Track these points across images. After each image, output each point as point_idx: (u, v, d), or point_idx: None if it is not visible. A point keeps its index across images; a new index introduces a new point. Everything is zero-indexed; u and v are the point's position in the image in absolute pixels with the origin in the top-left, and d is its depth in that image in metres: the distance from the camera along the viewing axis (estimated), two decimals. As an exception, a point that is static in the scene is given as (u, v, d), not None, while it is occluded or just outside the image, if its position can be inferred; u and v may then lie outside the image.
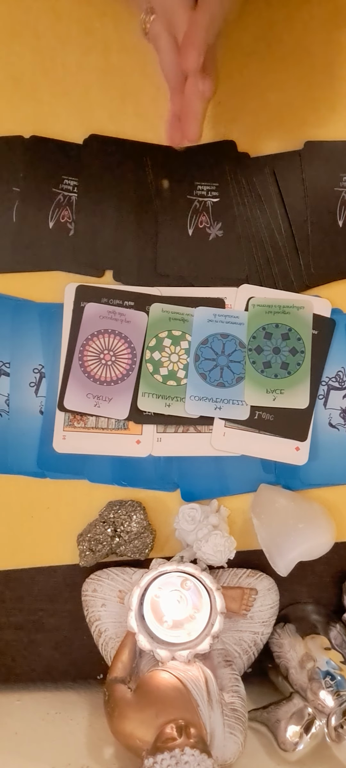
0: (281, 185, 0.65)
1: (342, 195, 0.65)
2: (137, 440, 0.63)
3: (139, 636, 0.55)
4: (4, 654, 0.64)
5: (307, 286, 0.64)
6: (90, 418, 0.63)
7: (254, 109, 0.66)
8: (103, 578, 0.60)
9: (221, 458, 0.62)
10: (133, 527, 0.61)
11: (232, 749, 0.53)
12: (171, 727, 0.51)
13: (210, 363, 0.63)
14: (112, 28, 0.67)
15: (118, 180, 0.66)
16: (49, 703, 0.61)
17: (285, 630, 0.60)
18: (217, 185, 0.66)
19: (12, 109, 0.67)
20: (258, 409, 0.62)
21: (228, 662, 0.57)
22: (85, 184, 0.66)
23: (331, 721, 0.54)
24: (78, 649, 0.63)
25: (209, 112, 0.66)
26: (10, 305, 0.65)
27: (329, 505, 0.62)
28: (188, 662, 0.54)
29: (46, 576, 0.64)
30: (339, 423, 0.63)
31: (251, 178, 0.65)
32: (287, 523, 0.59)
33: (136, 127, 0.67)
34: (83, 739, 0.57)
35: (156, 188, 0.66)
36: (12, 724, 0.59)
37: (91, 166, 0.66)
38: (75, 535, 0.62)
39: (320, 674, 0.55)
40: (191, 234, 0.65)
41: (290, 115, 0.66)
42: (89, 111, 0.67)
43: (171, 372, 0.63)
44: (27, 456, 0.63)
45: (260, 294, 0.64)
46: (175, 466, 0.63)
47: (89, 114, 0.67)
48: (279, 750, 0.55)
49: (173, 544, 0.63)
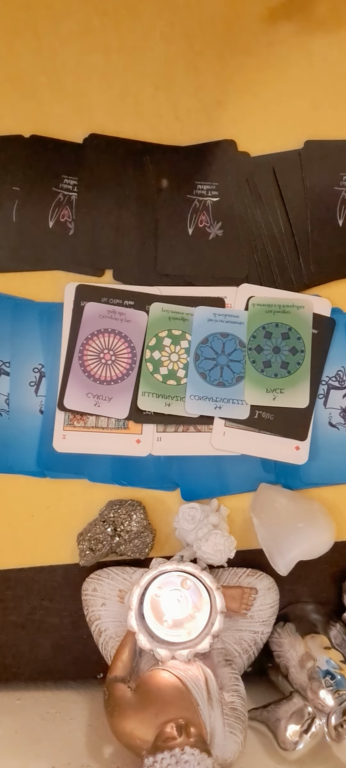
0: (281, 184, 0.65)
1: (342, 194, 0.65)
2: (137, 440, 0.63)
3: (139, 635, 0.55)
4: (4, 653, 0.64)
5: (307, 285, 0.64)
6: (90, 417, 0.63)
7: (254, 108, 0.66)
8: (103, 577, 0.60)
9: (220, 457, 0.62)
10: (133, 526, 0.61)
11: (232, 748, 0.53)
12: (171, 727, 0.51)
13: (210, 362, 0.63)
14: (112, 27, 0.67)
15: (118, 179, 0.66)
16: (49, 702, 0.61)
17: (285, 629, 0.60)
18: (217, 185, 0.66)
19: (12, 109, 0.67)
20: (258, 408, 0.62)
21: (228, 661, 0.57)
22: (85, 183, 0.66)
23: (331, 720, 0.54)
24: (78, 648, 0.63)
25: (209, 112, 0.67)
26: (10, 305, 0.65)
27: (329, 504, 0.62)
28: (188, 661, 0.54)
29: (46, 575, 0.64)
30: (339, 422, 0.63)
31: (251, 178, 0.65)
32: (287, 523, 0.59)
33: (136, 126, 0.67)
34: (83, 739, 0.57)
35: (156, 187, 0.66)
36: (12, 723, 0.59)
37: (91, 166, 0.66)
38: (75, 535, 0.62)
39: (320, 673, 0.55)
40: (190, 233, 0.65)
41: (290, 114, 0.66)
42: (89, 110, 0.67)
43: (171, 371, 0.63)
44: (27, 455, 0.63)
45: (260, 293, 0.64)
46: (175, 465, 0.63)
47: (89, 113, 0.67)
48: (279, 749, 0.55)
49: (172, 543, 0.63)
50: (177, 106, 0.67)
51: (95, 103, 0.67)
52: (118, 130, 0.67)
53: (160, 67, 0.67)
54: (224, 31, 0.66)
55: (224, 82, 0.67)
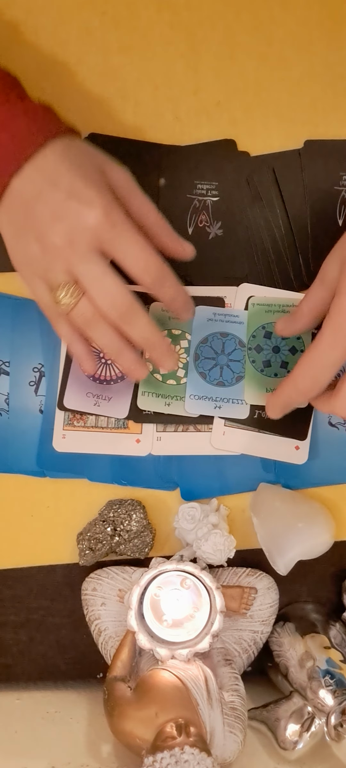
0: (281, 184, 0.65)
1: (342, 194, 0.65)
2: (137, 439, 0.63)
3: (139, 635, 0.55)
4: (3, 653, 0.64)
5: (307, 285, 0.64)
6: (90, 417, 0.63)
7: (254, 108, 0.66)
8: (102, 577, 0.60)
9: (220, 457, 0.62)
10: (132, 526, 0.61)
11: (231, 748, 0.53)
12: (171, 726, 0.51)
13: (210, 362, 0.63)
14: (112, 28, 0.67)
15: (118, 179, 0.66)
16: (48, 702, 0.61)
17: (285, 629, 0.60)
18: (217, 184, 0.66)
19: (12, 109, 0.67)
20: (258, 408, 0.62)
21: (228, 661, 0.57)
22: (85, 183, 0.66)
23: (330, 719, 0.54)
24: (78, 647, 0.63)
25: (209, 112, 0.67)
26: (10, 304, 0.65)
27: (329, 504, 0.62)
28: (187, 661, 0.54)
29: (45, 575, 0.64)
30: (339, 422, 0.63)
31: (251, 177, 0.65)
32: (287, 522, 0.59)
33: (136, 126, 0.67)
34: (83, 738, 0.57)
35: (156, 187, 0.66)
36: (12, 722, 0.59)
37: (91, 166, 0.66)
38: (75, 534, 0.62)
39: (319, 673, 0.55)
40: (190, 233, 0.65)
41: (290, 114, 0.66)
42: (89, 110, 0.67)
43: (171, 371, 0.63)
44: (27, 455, 0.63)
45: (260, 293, 0.64)
46: (174, 465, 0.63)
47: (89, 113, 0.67)
48: (279, 749, 0.55)
49: (172, 543, 0.63)
50: (177, 106, 0.67)
51: (95, 103, 0.67)
52: (118, 129, 0.67)
53: (160, 67, 0.67)
54: (224, 31, 0.66)
55: (224, 82, 0.67)
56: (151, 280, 0.53)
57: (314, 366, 0.52)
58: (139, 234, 0.52)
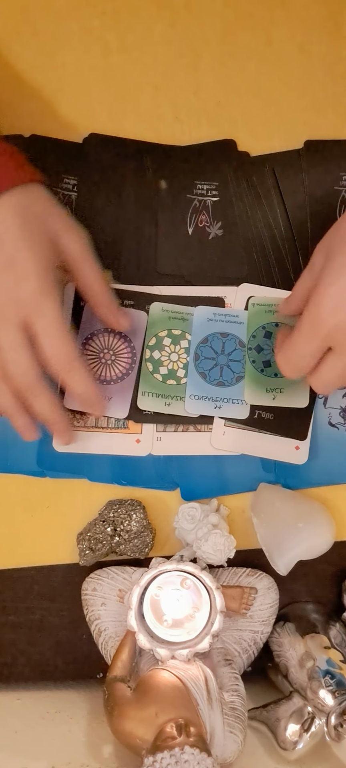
0: (281, 184, 0.65)
1: (342, 194, 0.65)
2: (137, 439, 0.63)
3: (139, 635, 0.55)
4: (3, 653, 0.64)
5: (307, 285, 0.64)
6: (90, 417, 0.63)
7: (254, 108, 0.66)
8: (102, 577, 0.60)
9: (220, 457, 0.62)
10: (133, 526, 0.61)
11: (232, 748, 0.53)
12: (171, 726, 0.50)
13: (210, 362, 0.63)
14: (112, 27, 0.67)
15: (118, 179, 0.66)
16: (48, 702, 0.61)
17: (285, 629, 0.60)
18: (217, 184, 0.66)
19: (12, 109, 0.67)
20: (258, 408, 0.62)
21: (228, 661, 0.57)
22: (85, 183, 0.66)
23: (330, 719, 0.54)
24: (78, 648, 0.63)
25: (209, 112, 0.67)
26: (10, 304, 0.65)
27: (329, 504, 0.62)
28: (187, 661, 0.54)
29: (45, 575, 0.64)
30: (339, 422, 0.63)
31: (251, 177, 0.66)
32: (287, 522, 0.59)
33: (136, 126, 0.67)
34: (83, 738, 0.57)
35: (156, 187, 0.66)
36: (12, 722, 0.59)
37: (91, 165, 0.66)
38: (75, 534, 0.62)
39: (319, 673, 0.55)
40: (190, 233, 0.65)
41: (290, 114, 0.66)
42: (89, 110, 0.67)
43: (171, 371, 0.63)
44: (27, 455, 0.63)
45: (260, 293, 0.64)
46: (175, 465, 0.63)
47: (89, 113, 0.67)
48: (279, 749, 0.55)
49: (172, 543, 0.63)
50: (177, 106, 0.67)
51: (95, 103, 0.67)
52: (118, 130, 0.67)
53: (160, 67, 0.67)
54: (224, 31, 0.67)
55: (224, 82, 0.67)
56: (60, 368, 0.55)
57: (292, 356, 0.54)
58: (61, 321, 0.54)
